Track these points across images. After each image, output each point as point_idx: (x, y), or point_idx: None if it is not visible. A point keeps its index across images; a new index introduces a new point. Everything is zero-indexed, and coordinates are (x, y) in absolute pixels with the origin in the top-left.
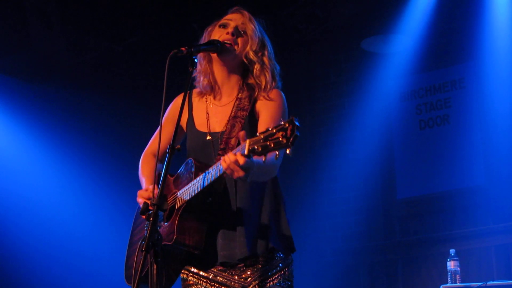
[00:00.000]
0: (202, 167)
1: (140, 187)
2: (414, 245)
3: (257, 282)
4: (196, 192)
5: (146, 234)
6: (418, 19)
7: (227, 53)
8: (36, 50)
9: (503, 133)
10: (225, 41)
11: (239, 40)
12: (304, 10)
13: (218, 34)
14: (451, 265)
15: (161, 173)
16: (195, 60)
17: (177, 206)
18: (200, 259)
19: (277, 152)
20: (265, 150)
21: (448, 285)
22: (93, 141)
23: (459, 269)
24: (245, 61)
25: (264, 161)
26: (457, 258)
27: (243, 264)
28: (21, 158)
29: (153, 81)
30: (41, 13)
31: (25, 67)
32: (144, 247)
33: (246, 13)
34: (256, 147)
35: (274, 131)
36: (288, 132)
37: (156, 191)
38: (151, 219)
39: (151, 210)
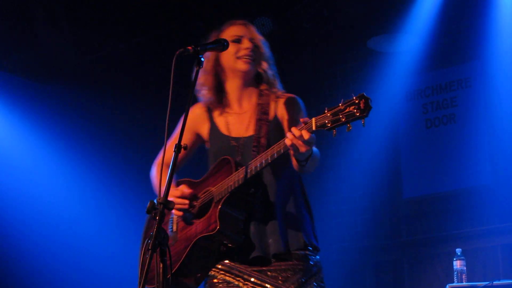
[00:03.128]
0: (239, 163)
1: (150, 188)
2: (420, 244)
3: (294, 285)
4: (241, 181)
5: (153, 233)
6: (424, 18)
7: (250, 68)
8: (43, 49)
9: (510, 132)
10: (246, 57)
11: (257, 55)
12: (310, 9)
13: (233, 49)
14: (457, 264)
15: (186, 180)
16: (202, 59)
17: (215, 199)
18: (235, 255)
19: (349, 125)
20: (335, 124)
21: (454, 284)
22: (99, 140)
23: (465, 268)
24: (261, 71)
25: (334, 135)
26: (463, 258)
27: (278, 265)
28: (27, 156)
29: (160, 80)
30: (48, 12)
31: (32, 66)
32: (150, 246)
33: (250, 25)
34: (326, 122)
35: (343, 107)
36: (362, 104)
37: (184, 190)
38: (157, 217)
39: (158, 208)
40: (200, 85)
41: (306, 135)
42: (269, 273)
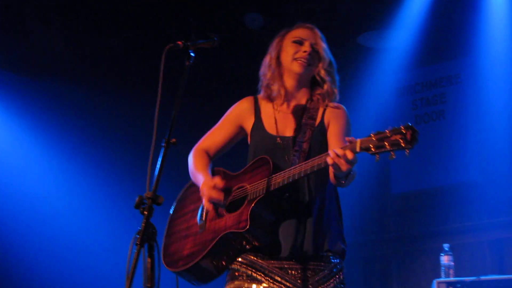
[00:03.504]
0: (276, 165)
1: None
2: (408, 239)
3: (314, 285)
4: (279, 185)
5: (141, 228)
6: (415, 15)
7: (305, 69)
8: (34, 45)
9: (498, 129)
10: (303, 59)
11: (314, 60)
12: (301, 5)
13: (293, 49)
14: (445, 259)
15: (219, 170)
16: (191, 54)
17: (249, 197)
18: (259, 251)
19: (392, 153)
20: (379, 150)
21: (441, 279)
22: (89, 135)
23: (452, 263)
24: (317, 78)
25: (377, 160)
26: (451, 253)
27: (301, 265)
28: (17, 151)
29: (150, 76)
30: (38, 8)
31: (23, 62)
32: (139, 240)
33: (316, 31)
34: (370, 146)
35: (389, 134)
36: (408, 136)
37: (219, 182)
38: (145, 212)
39: (146, 203)
40: (268, 78)
41: (350, 155)
42: (290, 271)
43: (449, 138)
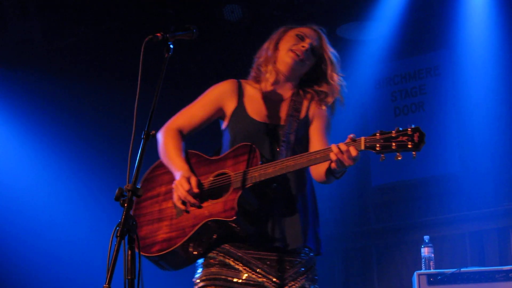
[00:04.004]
0: (263, 155)
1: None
2: (389, 232)
3: (288, 275)
4: (270, 176)
5: (121, 220)
6: (394, 6)
7: (296, 63)
8: (12, 36)
9: (478, 120)
10: (298, 52)
11: (309, 60)
12: None
13: (292, 41)
14: (425, 251)
15: (191, 152)
16: (171, 46)
17: (234, 186)
18: (238, 241)
19: (398, 154)
20: (384, 149)
21: (422, 271)
22: (68, 128)
23: (433, 255)
24: (331, 81)
25: (382, 159)
26: (431, 245)
27: (279, 256)
28: None
29: (129, 68)
30: (17, 0)
31: (1, 53)
32: (119, 232)
33: (322, 34)
34: (376, 145)
35: (395, 134)
36: (416, 138)
37: (196, 189)
38: (125, 205)
39: (126, 196)
40: (263, 60)
41: (354, 152)
42: (267, 262)
43: (428, 130)
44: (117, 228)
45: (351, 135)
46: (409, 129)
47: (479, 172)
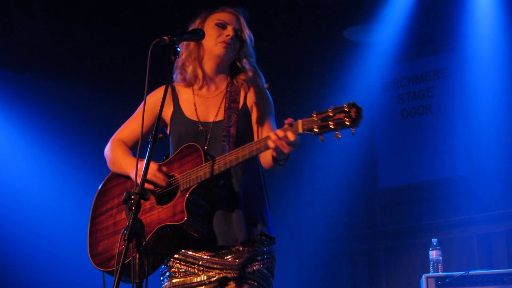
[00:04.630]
0: (207, 152)
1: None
2: (396, 234)
3: (245, 263)
4: (214, 173)
5: (129, 223)
6: (401, 8)
7: (227, 53)
8: (18, 39)
9: (485, 123)
10: (226, 42)
11: (236, 45)
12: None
13: (215, 33)
14: (433, 254)
15: (139, 161)
16: (178, 49)
17: (182, 187)
18: (190, 243)
19: (337, 133)
20: (323, 130)
21: (430, 274)
22: (75, 130)
23: (441, 258)
24: (238, 64)
25: (321, 140)
26: (439, 248)
27: (234, 250)
28: (2, 146)
29: (135, 70)
30: (23, 2)
31: (7, 56)
32: (127, 236)
33: (240, 16)
34: (313, 126)
35: (332, 113)
36: (353, 114)
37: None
38: (133, 208)
39: (133, 199)
40: (183, 59)
41: (291, 137)
42: (225, 257)
43: (436, 132)
44: (125, 231)
45: (288, 120)
46: (345, 106)
47: (487, 174)
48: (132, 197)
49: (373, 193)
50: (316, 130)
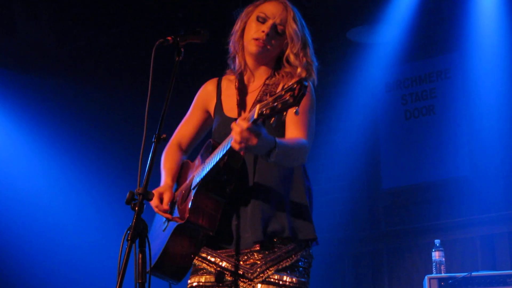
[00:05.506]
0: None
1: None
2: (399, 235)
3: (263, 268)
4: (209, 169)
5: (132, 224)
6: (404, 9)
7: (260, 51)
8: (22, 39)
9: (488, 124)
10: (258, 39)
11: (274, 42)
12: (290, 0)
13: (254, 29)
14: (436, 255)
15: (187, 161)
16: (181, 50)
17: (192, 186)
18: (213, 242)
19: (284, 113)
20: (273, 112)
21: (433, 275)
22: (79, 131)
23: (444, 259)
24: (285, 64)
25: (272, 125)
26: (442, 249)
27: (252, 250)
28: (6, 147)
29: (140, 71)
30: (27, 2)
31: (11, 56)
32: (130, 236)
33: (289, 8)
34: (264, 110)
35: (283, 92)
36: (296, 91)
37: (160, 206)
38: (136, 208)
39: (137, 199)
40: (234, 50)
41: (244, 124)
42: (240, 257)
43: (439, 133)
44: (128, 231)
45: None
46: (294, 83)
47: (490, 176)
48: (136, 197)
49: (376, 194)
50: (267, 112)
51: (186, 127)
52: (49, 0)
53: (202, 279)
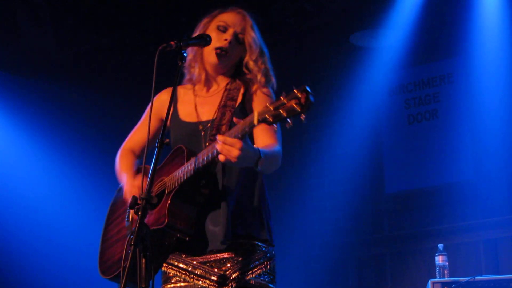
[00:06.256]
0: (192, 152)
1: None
2: (403, 239)
3: (237, 274)
4: (191, 173)
5: (135, 228)
6: (407, 14)
7: (222, 60)
8: (25, 44)
9: (492, 128)
10: (222, 48)
11: (235, 49)
12: (293, 4)
13: (215, 38)
14: (440, 259)
15: (144, 167)
16: (184, 54)
17: (167, 190)
18: (185, 246)
19: (290, 121)
20: (277, 119)
21: (436, 279)
22: (81, 135)
23: (447, 263)
24: (245, 70)
25: (275, 130)
26: (445, 253)
27: (223, 256)
28: (8, 150)
29: (142, 75)
30: (30, 7)
31: (14, 61)
32: (133, 241)
33: (247, 17)
34: (267, 117)
35: (285, 101)
36: (302, 100)
37: (145, 184)
38: (139, 213)
39: (140, 204)
40: (190, 60)
41: (228, 140)
42: (214, 264)
43: (442, 137)
44: (131, 236)
45: (236, 120)
46: (297, 91)
47: (493, 180)
48: (139, 202)
49: (379, 198)
50: (270, 119)
51: (139, 134)
52: (52, 5)
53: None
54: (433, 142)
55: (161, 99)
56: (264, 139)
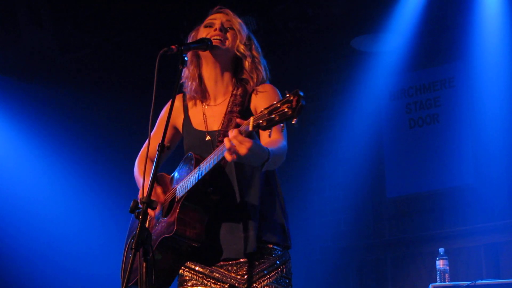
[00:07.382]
0: (201, 159)
1: (135, 188)
2: (403, 244)
3: (253, 279)
4: (196, 180)
5: (136, 232)
6: (408, 18)
7: (219, 48)
8: (26, 48)
9: (492, 132)
10: (215, 37)
11: (228, 35)
12: (294, 8)
13: (205, 33)
14: (440, 264)
15: (161, 174)
16: (185, 58)
17: (176, 198)
18: (201, 254)
19: (282, 125)
20: (270, 123)
21: (437, 284)
22: (82, 138)
23: (448, 268)
24: (238, 54)
25: (269, 136)
26: (446, 257)
27: (241, 260)
28: (10, 154)
29: (143, 79)
30: (31, 11)
31: (15, 65)
32: (133, 245)
33: (228, 11)
34: (260, 122)
35: (279, 105)
36: (294, 103)
37: (146, 189)
38: (140, 217)
39: (141, 208)
40: (185, 77)
41: (236, 133)
42: (230, 268)
43: (443, 141)
44: (132, 240)
45: (237, 120)
46: (289, 95)
47: (494, 184)
48: (140, 206)
49: (380, 202)
50: (263, 124)
51: (156, 142)
52: (53, 8)
53: None
54: (434, 147)
55: (175, 106)
56: (272, 133)
